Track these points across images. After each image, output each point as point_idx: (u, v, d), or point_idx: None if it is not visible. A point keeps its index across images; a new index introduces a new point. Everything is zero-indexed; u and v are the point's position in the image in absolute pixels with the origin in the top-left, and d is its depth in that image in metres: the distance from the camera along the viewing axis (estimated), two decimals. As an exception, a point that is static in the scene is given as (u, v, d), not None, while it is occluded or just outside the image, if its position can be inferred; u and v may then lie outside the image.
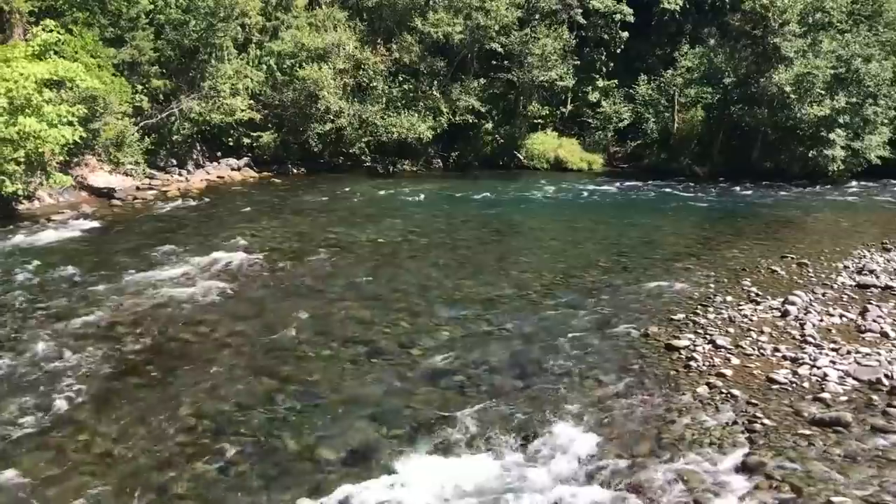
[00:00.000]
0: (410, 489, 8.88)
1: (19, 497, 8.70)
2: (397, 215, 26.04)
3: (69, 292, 15.94)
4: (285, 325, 14.49)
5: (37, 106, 21.72)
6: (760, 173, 38.57)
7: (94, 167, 28.56)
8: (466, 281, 17.71)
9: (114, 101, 28.14)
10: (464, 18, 38.53)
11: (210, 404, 11.10)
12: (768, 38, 38.38)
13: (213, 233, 21.99)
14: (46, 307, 14.94)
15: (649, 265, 19.53)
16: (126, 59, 29.94)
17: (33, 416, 10.52)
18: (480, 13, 38.41)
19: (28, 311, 14.71)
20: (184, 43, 32.09)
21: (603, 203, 31.09)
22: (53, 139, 22.13)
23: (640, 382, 11.95)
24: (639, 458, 9.64)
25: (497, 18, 38.80)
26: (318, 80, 34.86)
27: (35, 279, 16.85)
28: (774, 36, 38.18)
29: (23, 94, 21.22)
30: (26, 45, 24.45)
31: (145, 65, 30.85)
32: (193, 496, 8.82)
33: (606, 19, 44.01)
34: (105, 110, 27.78)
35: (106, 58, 28.87)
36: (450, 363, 12.72)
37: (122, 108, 28.89)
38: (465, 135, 41.17)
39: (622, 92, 44.84)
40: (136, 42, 30.24)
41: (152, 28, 31.51)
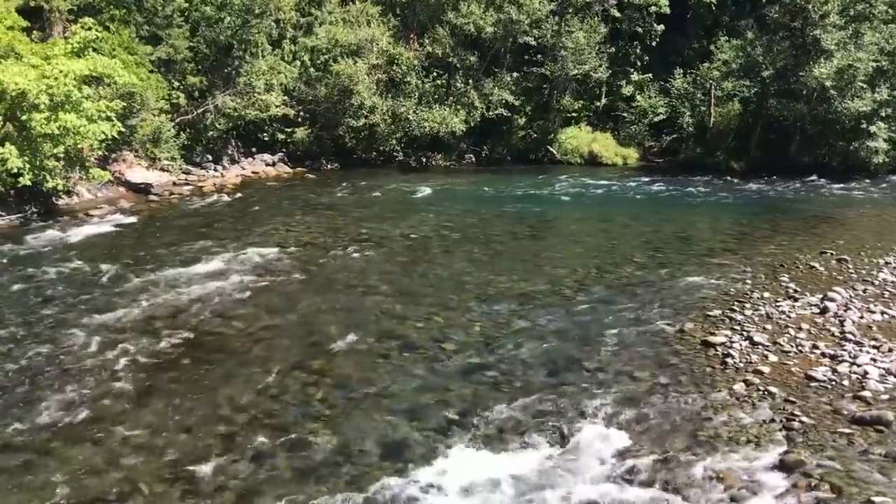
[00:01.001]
0: (444, 484, 8.89)
1: (60, 488, 8.85)
2: (430, 210, 26.03)
3: (108, 286, 16.19)
4: (319, 319, 14.60)
5: (76, 102, 22.07)
6: (799, 168, 37.87)
7: (131, 163, 28.96)
8: (499, 276, 17.67)
9: (150, 97, 28.50)
10: (496, 12, 38.39)
11: (245, 397, 11.21)
12: (808, 30, 37.65)
13: (247, 228, 22.18)
14: (85, 301, 15.20)
15: (685, 261, 19.32)
16: (162, 57, 30.29)
17: (73, 408, 10.71)
18: (513, 7, 38.23)
19: (68, 304, 14.98)
20: (219, 39, 32.37)
21: (637, 198, 30.80)
22: (92, 135, 22.48)
23: (676, 379, 11.83)
24: (674, 455, 9.54)
25: (530, 12, 38.60)
26: (353, 75, 34.96)
27: (74, 273, 17.14)
28: (814, 28, 37.44)
29: (63, 90, 21.55)
30: (65, 42, 24.85)
31: (181, 62, 31.19)
32: (230, 488, 8.91)
33: (641, 12, 43.54)
34: (142, 107, 28.15)
35: (143, 55, 29.25)
36: (483, 358, 12.71)
37: (158, 104, 29.25)
38: (497, 129, 41.02)
39: (657, 85, 44.34)
40: (171, 39, 30.58)
41: (187, 25, 31.84)
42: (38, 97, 20.96)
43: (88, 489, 8.85)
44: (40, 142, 21.59)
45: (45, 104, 21.16)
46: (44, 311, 14.55)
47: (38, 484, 8.89)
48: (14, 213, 22.38)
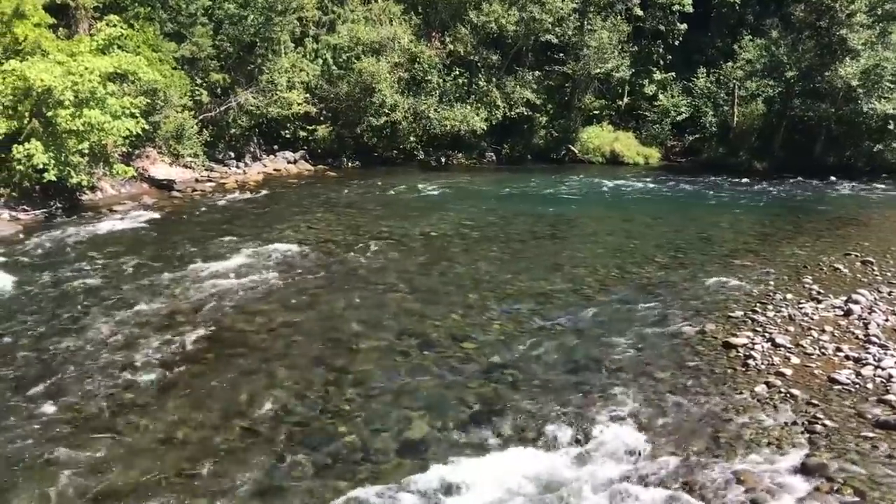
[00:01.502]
0: (463, 482, 8.88)
1: (82, 480, 8.95)
2: (449, 209, 26.03)
3: (131, 281, 16.34)
4: (339, 316, 14.64)
5: (101, 98, 22.30)
6: (824, 168, 37.47)
7: (154, 159, 29.21)
8: (519, 275, 17.63)
9: (174, 94, 28.73)
10: (518, 10, 38.31)
11: (266, 393, 11.27)
12: (834, 29, 37.25)
13: (269, 224, 22.30)
14: (108, 295, 15.35)
15: (706, 261, 19.19)
16: (186, 54, 30.50)
17: (95, 401, 10.82)
18: (536, 5, 38.14)
19: (91, 298, 15.13)
20: (242, 37, 32.55)
21: (659, 198, 30.62)
22: (116, 131, 22.73)
23: (696, 380, 11.76)
24: (694, 457, 9.49)
25: (552, 10, 38.49)
26: (375, 73, 35.03)
27: (97, 268, 17.31)
28: (841, 27, 37.04)
29: (88, 87, 21.80)
30: (91, 39, 25.13)
31: (204, 59, 31.40)
32: (249, 483, 8.96)
33: (664, 10, 43.29)
34: (165, 103, 28.39)
35: (166, 52, 29.48)
36: (502, 357, 12.69)
37: (181, 101, 29.49)
38: (518, 128, 40.95)
39: (680, 85, 44.07)
40: (195, 37, 30.79)
41: (211, 23, 32.05)
42: (64, 94, 21.21)
43: (109, 482, 8.93)
44: (65, 138, 21.84)
45: (70, 101, 21.40)
46: (67, 305, 14.71)
47: (58, 476, 8.99)
48: (39, 209, 22.64)
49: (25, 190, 22.56)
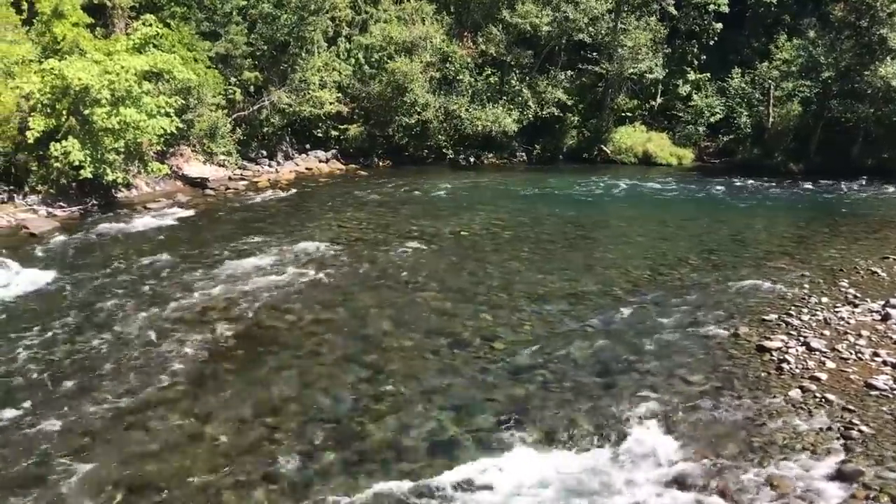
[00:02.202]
0: (492, 483, 8.88)
1: (116, 473, 9.07)
2: (480, 208, 25.98)
3: (165, 278, 16.53)
4: (369, 314, 14.69)
5: (136, 97, 22.59)
6: (861, 171, 36.81)
7: (188, 157, 29.52)
8: (550, 276, 17.55)
9: (207, 93, 29.01)
10: (552, 10, 38.12)
11: (297, 390, 11.35)
12: (875, 28, 36.58)
13: (300, 223, 22.43)
14: (143, 291, 15.55)
15: (740, 263, 18.95)
16: (220, 52, 30.79)
17: (130, 396, 10.97)
18: (570, 5, 37.92)
19: (127, 295, 15.33)
20: (275, 36, 32.78)
21: (692, 199, 30.30)
22: (152, 130, 23.01)
23: (729, 383, 11.62)
24: (726, 460, 9.38)
25: (586, 10, 38.25)
26: (407, 72, 35.08)
27: (132, 264, 17.54)
28: (881, 26, 36.33)
29: (124, 85, 22.10)
30: (127, 38, 25.47)
31: (238, 58, 31.66)
32: (280, 479, 9.02)
33: (699, 10, 42.79)
34: (199, 102, 28.67)
35: (201, 51, 29.79)
36: (533, 358, 12.64)
37: (215, 100, 29.76)
38: (550, 127, 40.74)
39: (714, 85, 43.56)
40: (230, 36, 31.07)
41: (245, 22, 32.32)
42: (101, 92, 21.53)
43: (142, 475, 9.06)
44: (101, 136, 22.17)
45: (106, 99, 21.72)
46: (102, 301, 14.91)
47: (94, 468, 9.12)
48: (75, 205, 22.99)
49: (62, 187, 22.93)
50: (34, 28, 24.89)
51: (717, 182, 34.23)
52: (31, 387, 11.18)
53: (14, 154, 22.35)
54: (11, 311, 14.33)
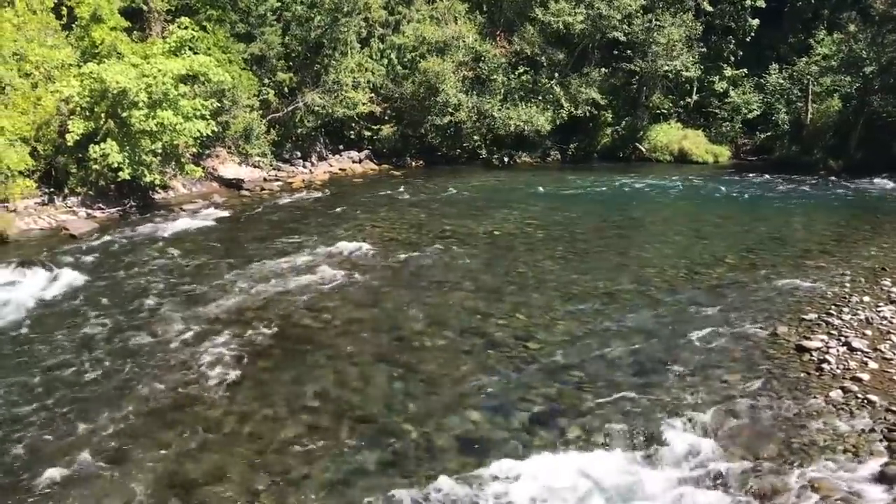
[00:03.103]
0: (526, 484, 8.83)
1: (155, 471, 9.19)
2: (514, 207, 25.90)
3: (201, 278, 16.72)
4: (403, 313, 14.71)
5: (173, 100, 22.89)
6: (904, 167, 36.05)
7: (224, 159, 29.83)
8: (584, 275, 17.43)
9: (242, 94, 29.30)
10: (585, 8, 37.88)
11: (332, 389, 11.40)
12: (918, 22, 35.79)
13: (334, 223, 22.55)
14: (180, 291, 15.75)
15: (778, 262, 18.64)
16: (255, 54, 31.06)
17: (167, 393, 11.11)
18: (603, 2, 37.66)
19: (164, 294, 15.54)
20: (309, 38, 32.98)
21: (729, 197, 29.90)
22: (188, 132, 23.32)
23: (768, 384, 11.44)
24: (765, 462, 9.24)
25: (620, 7, 37.95)
26: (440, 72, 35.09)
27: (170, 265, 17.77)
28: (925, 19, 35.57)
29: (160, 88, 22.40)
30: (163, 42, 25.82)
31: (272, 59, 31.91)
32: (315, 477, 9.07)
33: (735, 6, 42.23)
34: (234, 104, 28.97)
35: (236, 53, 30.08)
36: (567, 358, 12.55)
37: (250, 101, 30.05)
38: (584, 126, 40.50)
39: (751, 81, 42.96)
40: (264, 38, 31.34)
41: (280, 24, 32.57)
42: (138, 95, 21.86)
43: (181, 473, 9.17)
44: (139, 138, 22.50)
45: (144, 102, 22.05)
46: (141, 300, 15.13)
47: (134, 465, 9.25)
48: (114, 206, 23.36)
49: (101, 189, 23.32)
50: (73, 33, 25.35)
51: (754, 180, 33.77)
52: (71, 385, 11.38)
53: (54, 157, 22.78)
54: (52, 311, 14.60)
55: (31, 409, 10.60)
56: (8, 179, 20.85)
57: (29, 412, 10.53)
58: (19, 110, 22.13)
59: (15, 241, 19.62)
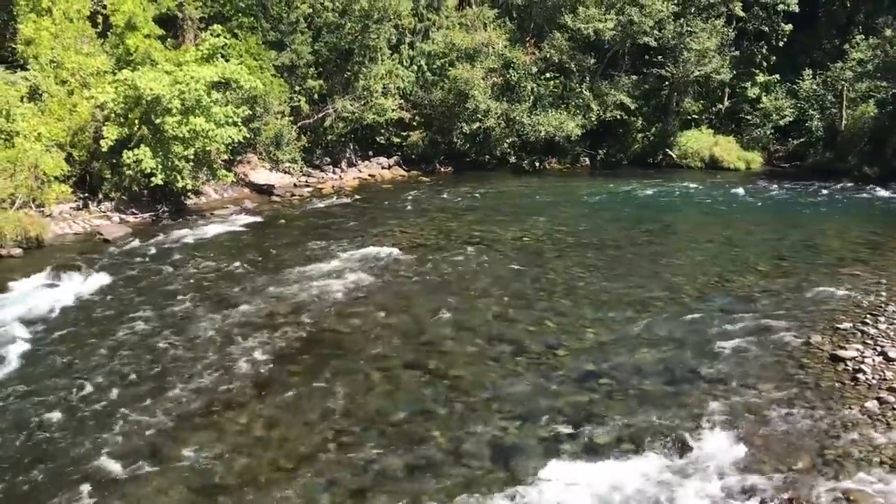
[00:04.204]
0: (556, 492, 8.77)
1: (185, 474, 9.27)
2: (543, 213, 25.81)
3: (232, 282, 16.87)
4: (431, 320, 14.71)
5: (206, 107, 23.14)
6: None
7: (255, 165, 30.09)
8: (614, 282, 17.32)
9: (273, 101, 29.55)
10: (616, 14, 37.72)
11: (360, 394, 11.43)
12: (954, 26, 35.17)
13: (364, 229, 22.63)
14: (212, 295, 15.90)
15: (812, 270, 18.37)
16: (285, 62, 31.31)
17: (198, 397, 11.22)
18: (634, 8, 37.46)
19: (195, 298, 15.69)
20: (339, 45, 33.19)
21: (761, 204, 29.56)
22: (220, 138, 23.56)
23: (801, 393, 11.27)
24: (798, 473, 9.10)
25: (651, 13, 37.73)
26: (469, 79, 35.13)
27: (202, 269, 17.96)
28: (962, 23, 34.93)
29: (193, 95, 22.66)
30: (196, 49, 26.13)
31: (303, 67, 32.15)
32: (343, 483, 9.10)
33: (768, 11, 41.79)
34: (265, 110, 29.23)
35: (267, 60, 30.35)
36: (597, 366, 12.48)
37: (280, 108, 30.30)
38: (614, 132, 40.28)
39: (784, 87, 42.46)
40: (295, 45, 31.59)
41: (310, 31, 32.81)
42: (171, 102, 22.14)
43: (211, 475, 9.25)
44: (172, 144, 22.76)
45: (177, 108, 22.32)
46: (172, 304, 15.30)
47: (163, 468, 9.34)
48: (147, 212, 23.66)
49: (134, 194, 23.63)
50: (108, 40, 25.74)
51: (786, 187, 33.34)
52: (103, 388, 11.52)
53: (89, 162, 23.14)
54: (85, 315, 14.81)
55: (65, 411, 10.77)
56: (44, 184, 21.22)
57: (63, 414, 10.69)
58: (55, 117, 22.52)
59: (50, 245, 19.94)
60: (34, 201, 21.05)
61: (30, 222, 19.81)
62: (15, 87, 21.67)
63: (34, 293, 15.72)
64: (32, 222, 19.92)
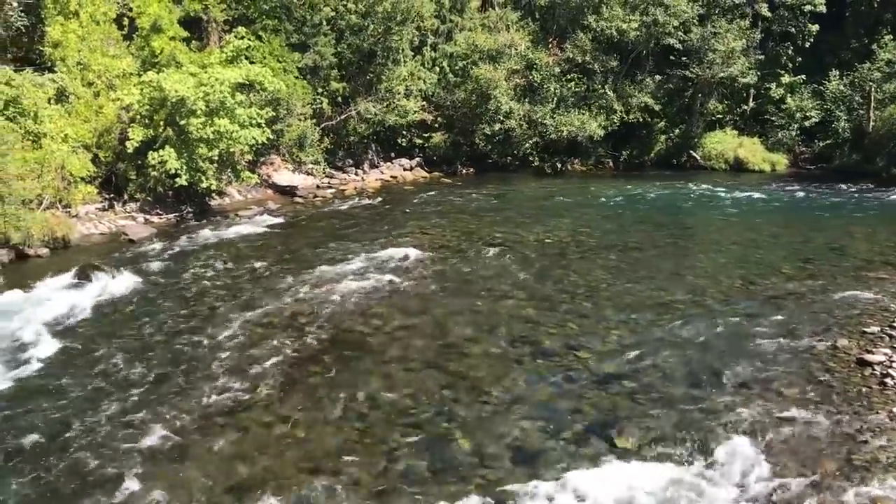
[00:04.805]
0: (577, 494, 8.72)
1: (209, 472, 9.33)
2: (565, 215, 25.72)
3: (255, 283, 16.97)
4: (453, 321, 14.70)
5: (230, 108, 23.30)
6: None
7: (278, 166, 30.27)
8: (637, 284, 17.21)
9: (296, 103, 29.72)
10: (640, 15, 37.52)
11: (382, 395, 11.44)
12: None
13: (385, 230, 22.67)
14: (235, 296, 16.00)
15: (838, 273, 18.14)
16: (309, 64, 31.47)
17: (223, 397, 11.29)
18: (659, 9, 37.24)
19: (219, 298, 15.80)
20: (362, 47, 33.32)
21: (786, 206, 29.26)
22: (244, 140, 23.72)
23: (827, 398, 11.13)
24: (824, 479, 8.99)
25: (676, 14, 37.48)
26: (492, 80, 35.10)
27: (225, 270, 18.08)
28: None
29: (217, 97, 22.84)
30: (220, 51, 26.34)
31: (326, 68, 32.30)
32: (365, 483, 9.11)
33: (794, 11, 41.37)
34: (288, 112, 29.40)
35: (291, 62, 30.51)
36: (619, 368, 12.40)
37: (303, 110, 30.45)
38: (637, 133, 40.05)
39: (810, 88, 42.00)
40: (318, 47, 31.74)
41: (333, 33, 32.95)
42: (196, 103, 22.33)
43: (235, 474, 9.32)
44: (196, 145, 22.95)
45: (201, 110, 22.50)
46: (196, 304, 15.42)
47: (188, 467, 9.41)
48: (171, 212, 23.87)
49: (159, 195, 23.85)
50: (134, 42, 26.03)
51: (812, 189, 32.96)
52: (128, 387, 11.63)
53: (115, 163, 23.38)
54: (111, 314, 14.97)
55: (91, 410, 10.88)
56: (70, 185, 21.46)
57: (89, 412, 10.80)
58: (82, 118, 22.79)
59: (76, 245, 20.17)
60: (61, 202, 21.30)
61: (56, 223, 20.07)
62: (42, 88, 21.94)
63: (61, 293, 15.91)
64: (59, 222, 20.18)
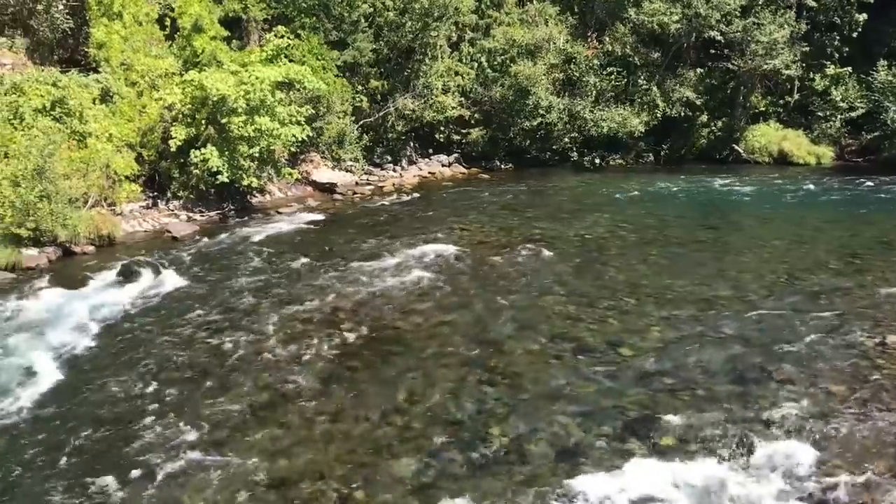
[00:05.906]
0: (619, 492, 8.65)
1: (251, 466, 9.43)
2: (605, 210, 25.48)
3: (296, 279, 17.12)
4: (492, 317, 14.67)
5: (270, 106, 23.52)
6: None
7: (317, 163, 30.46)
8: (679, 280, 16.98)
9: (336, 101, 29.89)
10: (682, 7, 37.00)
11: (422, 391, 11.47)
12: None
13: (424, 226, 22.69)
14: (277, 293, 16.14)
15: (887, 268, 17.70)
16: (348, 61, 31.62)
17: (264, 392, 11.43)
18: (701, 1, 36.69)
19: (261, 295, 15.96)
20: (400, 43, 33.38)
21: (832, 200, 28.66)
22: (284, 137, 23.94)
23: (876, 395, 10.88)
24: (874, 477, 8.79)
25: (719, 6, 36.89)
26: (530, 75, 34.92)
27: (267, 266, 18.25)
28: None
29: (258, 95, 23.07)
30: (260, 50, 26.60)
31: (365, 66, 32.44)
32: (406, 480, 9.14)
33: (840, 1, 40.50)
34: (328, 110, 29.59)
35: (330, 60, 30.69)
36: (661, 365, 12.26)
37: (343, 107, 30.61)
38: (678, 127, 39.49)
39: (856, 79, 41.07)
40: (357, 44, 31.88)
41: (371, 30, 33.06)
42: (237, 102, 22.58)
43: (278, 469, 9.41)
44: (237, 143, 23.20)
45: (242, 108, 22.76)
46: (238, 301, 15.59)
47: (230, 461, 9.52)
48: (214, 210, 24.17)
49: (201, 193, 24.15)
50: (176, 42, 26.36)
51: (859, 182, 32.22)
52: (172, 382, 11.82)
53: (158, 162, 23.74)
54: (155, 310, 15.21)
55: (134, 406, 11.08)
56: (115, 184, 21.85)
57: (132, 408, 11.00)
58: (126, 118, 23.16)
59: (121, 242, 20.53)
60: (106, 200, 21.67)
61: (102, 220, 20.44)
62: (88, 89, 22.36)
63: (107, 289, 16.24)
64: (104, 220, 20.55)
